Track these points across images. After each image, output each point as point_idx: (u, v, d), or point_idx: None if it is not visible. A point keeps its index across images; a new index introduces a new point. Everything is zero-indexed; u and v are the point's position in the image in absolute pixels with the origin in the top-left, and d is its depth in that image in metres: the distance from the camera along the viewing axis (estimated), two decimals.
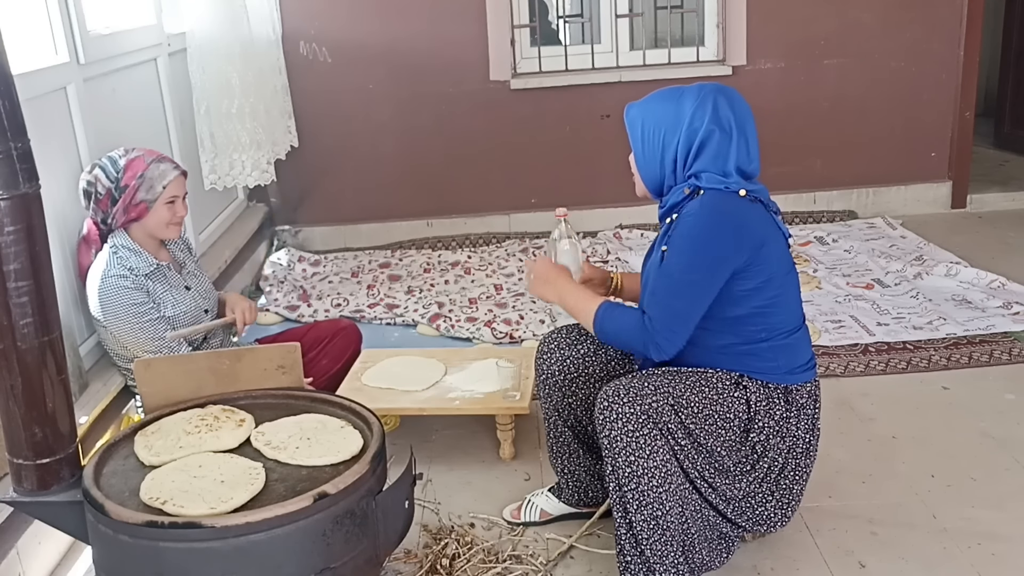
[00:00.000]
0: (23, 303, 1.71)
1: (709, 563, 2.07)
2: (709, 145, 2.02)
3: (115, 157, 2.54)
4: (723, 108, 2.04)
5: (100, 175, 2.52)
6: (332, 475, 1.82)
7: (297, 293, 4.23)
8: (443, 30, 4.73)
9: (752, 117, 2.08)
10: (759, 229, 2.00)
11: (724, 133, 2.03)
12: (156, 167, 2.53)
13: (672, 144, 2.05)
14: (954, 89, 4.89)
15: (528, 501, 2.46)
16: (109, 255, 2.52)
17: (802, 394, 2.07)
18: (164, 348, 2.50)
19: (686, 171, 2.05)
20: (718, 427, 2.01)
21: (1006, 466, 2.58)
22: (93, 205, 2.54)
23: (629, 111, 2.13)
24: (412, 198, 4.95)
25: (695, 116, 2.02)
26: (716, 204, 1.98)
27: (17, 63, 2.01)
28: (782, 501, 2.09)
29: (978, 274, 3.92)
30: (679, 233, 1.99)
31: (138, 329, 2.48)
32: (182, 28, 3.81)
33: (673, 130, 2.04)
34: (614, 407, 1.92)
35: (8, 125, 1.63)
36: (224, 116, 3.84)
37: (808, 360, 2.11)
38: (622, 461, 1.93)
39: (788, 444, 2.07)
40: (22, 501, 1.85)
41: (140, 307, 2.48)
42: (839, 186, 5.01)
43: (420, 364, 2.97)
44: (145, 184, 2.51)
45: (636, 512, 1.95)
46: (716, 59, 4.89)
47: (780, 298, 2.04)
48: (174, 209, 2.57)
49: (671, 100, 2.07)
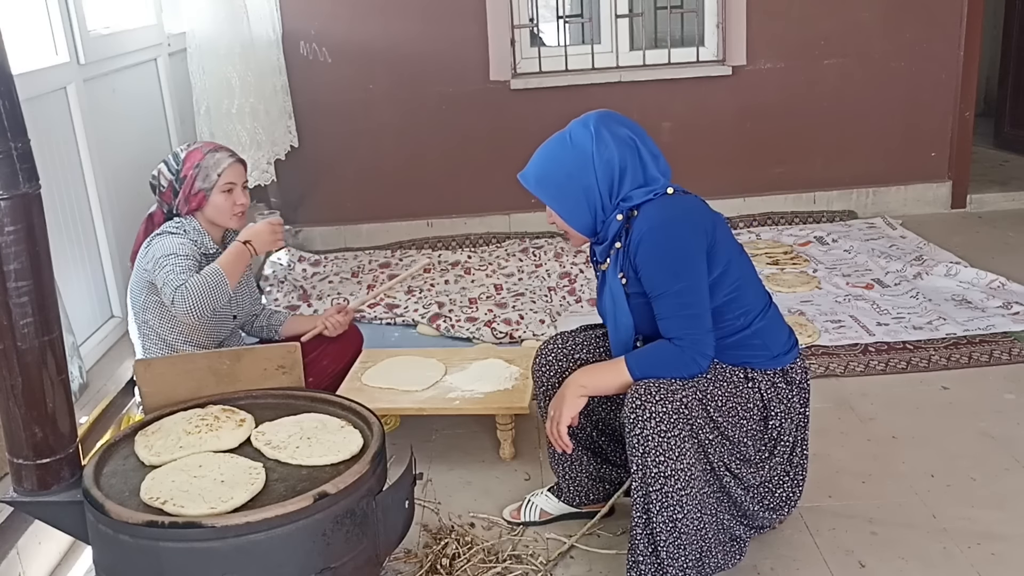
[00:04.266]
0: (23, 303, 1.71)
1: (722, 565, 2.08)
2: (627, 167, 2.03)
3: (178, 151, 2.62)
4: (616, 128, 2.04)
5: (163, 168, 2.61)
6: (332, 475, 1.82)
7: (297, 293, 4.23)
8: (443, 30, 4.73)
9: (637, 124, 2.10)
10: (705, 212, 2.05)
11: (631, 149, 2.04)
12: (212, 156, 2.59)
13: (592, 184, 2.03)
14: (954, 89, 4.89)
15: (528, 501, 2.46)
16: (172, 223, 2.59)
17: (796, 371, 2.13)
18: (189, 285, 2.39)
19: (614, 201, 2.04)
20: (740, 417, 2.05)
21: (1006, 466, 2.58)
22: (158, 197, 2.63)
23: (527, 179, 2.12)
24: (412, 198, 4.95)
25: (599, 150, 2.02)
26: (660, 213, 2.00)
27: (17, 63, 2.01)
28: (795, 480, 2.15)
29: (978, 274, 3.92)
30: (645, 260, 1.99)
31: (172, 265, 2.43)
32: (182, 28, 3.81)
33: (586, 171, 2.03)
34: (647, 406, 1.93)
35: (8, 125, 1.63)
36: (224, 116, 3.84)
37: (789, 335, 2.16)
38: (651, 461, 1.93)
39: (796, 423, 2.13)
40: (22, 501, 1.85)
41: (184, 250, 2.48)
42: (839, 186, 5.01)
43: (420, 364, 2.97)
44: (202, 173, 2.56)
45: (658, 513, 1.95)
46: (716, 59, 4.89)
47: (743, 279, 2.08)
48: (233, 197, 2.60)
49: (564, 148, 2.06)
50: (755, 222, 4.90)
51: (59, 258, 2.52)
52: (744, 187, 4.97)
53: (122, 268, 3.18)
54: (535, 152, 2.13)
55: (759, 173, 4.98)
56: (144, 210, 2.68)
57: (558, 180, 2.06)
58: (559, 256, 4.53)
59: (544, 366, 2.32)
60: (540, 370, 2.33)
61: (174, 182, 2.57)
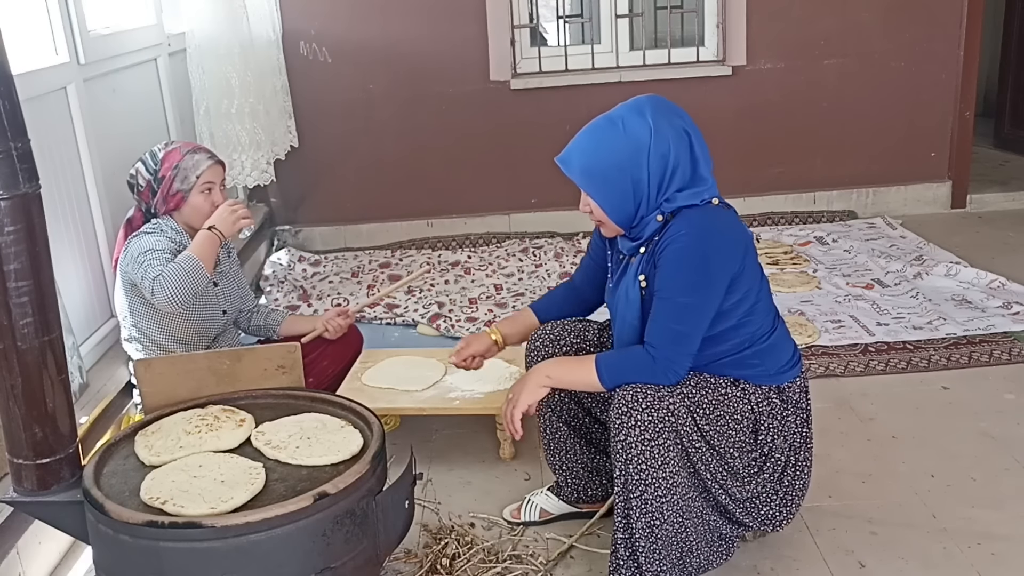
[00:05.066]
0: (23, 303, 1.71)
1: (707, 565, 2.07)
2: (680, 165, 1.94)
3: (155, 150, 2.62)
4: (673, 118, 1.96)
5: (141, 168, 2.61)
6: (332, 475, 1.82)
7: (297, 293, 4.23)
8: (443, 30, 4.73)
9: (688, 115, 2.01)
10: (742, 234, 1.99)
11: (686, 145, 1.95)
12: (191, 157, 2.60)
13: (643, 178, 1.93)
14: (954, 89, 4.89)
15: (528, 500, 2.46)
16: (148, 224, 2.60)
17: (794, 390, 2.09)
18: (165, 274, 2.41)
19: (659, 199, 1.96)
20: (730, 428, 2.01)
21: (1006, 466, 2.58)
22: (136, 196, 2.63)
23: (570, 166, 2.00)
24: (412, 198, 4.95)
25: (656, 141, 1.92)
26: (701, 221, 1.94)
27: (17, 63, 2.01)
28: (786, 499, 2.10)
29: (978, 274, 3.92)
30: (670, 259, 1.92)
31: (149, 261, 2.45)
32: (182, 28, 3.81)
33: (638, 164, 1.93)
34: (632, 413, 1.90)
35: (8, 125, 1.63)
36: (224, 116, 3.84)
37: (792, 355, 2.11)
38: (632, 468, 1.92)
39: (789, 442, 2.08)
40: (22, 501, 1.85)
41: (160, 245, 2.50)
42: (839, 186, 5.01)
43: (420, 364, 2.97)
44: (180, 174, 2.57)
45: (638, 519, 1.95)
46: (716, 59, 4.89)
47: (758, 306, 2.03)
48: (211, 198, 2.61)
49: (616, 134, 1.95)
50: (755, 222, 4.90)
51: (59, 258, 2.52)
52: (744, 187, 4.97)
53: None
54: (578, 135, 2.01)
55: (759, 173, 4.98)
56: None
57: (606, 171, 1.95)
58: (559, 256, 4.53)
59: (534, 352, 2.29)
60: (529, 355, 2.30)
61: (152, 182, 2.59)
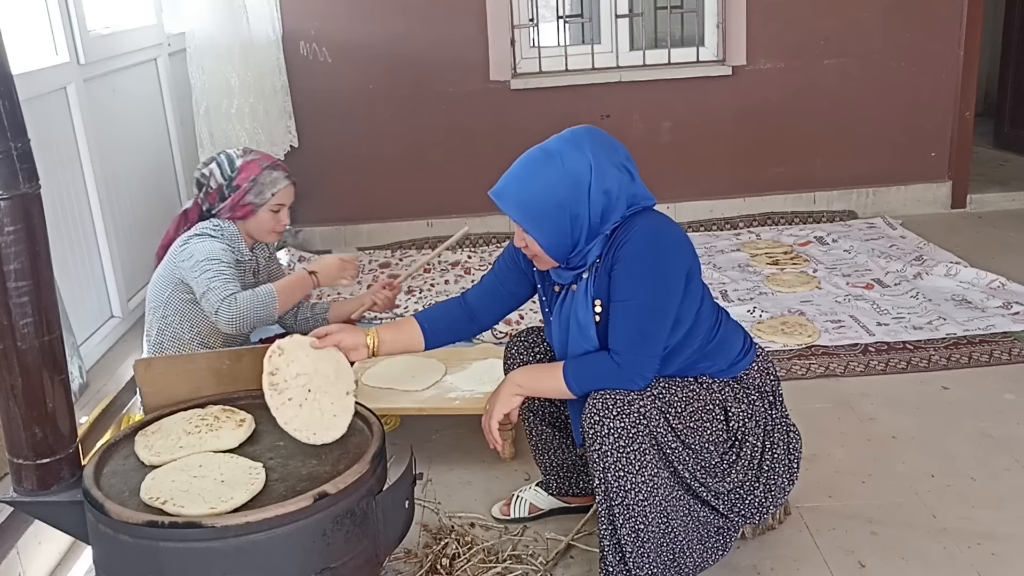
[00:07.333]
0: (23, 303, 1.71)
1: (703, 562, 2.07)
2: (623, 194, 1.92)
3: (233, 156, 2.60)
4: (612, 155, 1.92)
5: (215, 170, 2.58)
6: (332, 475, 1.82)
7: None
8: (443, 30, 4.73)
9: (623, 145, 1.99)
10: (685, 234, 2.00)
11: (628, 177, 1.94)
12: (269, 174, 2.59)
13: (582, 213, 1.90)
14: (954, 89, 4.89)
15: (516, 497, 2.46)
16: (210, 224, 2.56)
17: (752, 375, 2.09)
18: (239, 299, 2.40)
19: (603, 228, 1.94)
20: (703, 421, 2.01)
21: (1006, 466, 2.58)
22: (202, 195, 2.61)
23: (506, 200, 1.93)
24: (412, 198, 4.95)
25: (597, 176, 1.88)
26: (652, 221, 1.94)
27: (17, 63, 2.01)
28: (768, 486, 2.09)
29: (978, 274, 3.92)
30: (625, 260, 1.90)
31: (216, 272, 2.43)
32: (182, 28, 3.82)
33: (578, 200, 1.89)
34: (605, 421, 1.90)
35: (8, 125, 1.63)
36: (224, 116, 3.85)
37: (743, 345, 2.11)
38: (611, 476, 1.92)
39: (761, 426, 2.09)
40: (22, 501, 1.85)
41: (226, 256, 2.48)
42: (839, 186, 5.01)
43: (420, 364, 2.97)
44: (256, 188, 2.56)
45: (623, 526, 1.95)
46: (716, 59, 4.89)
47: (704, 305, 2.04)
48: (278, 217, 2.62)
49: (554, 169, 1.89)
50: (755, 222, 4.90)
51: (59, 258, 2.52)
52: (744, 187, 4.97)
53: (122, 268, 3.18)
54: (513, 168, 1.95)
55: (759, 173, 4.98)
56: (144, 210, 2.69)
57: (544, 207, 1.90)
58: None
59: (509, 359, 2.32)
60: (506, 362, 2.33)
61: (224, 187, 2.56)
